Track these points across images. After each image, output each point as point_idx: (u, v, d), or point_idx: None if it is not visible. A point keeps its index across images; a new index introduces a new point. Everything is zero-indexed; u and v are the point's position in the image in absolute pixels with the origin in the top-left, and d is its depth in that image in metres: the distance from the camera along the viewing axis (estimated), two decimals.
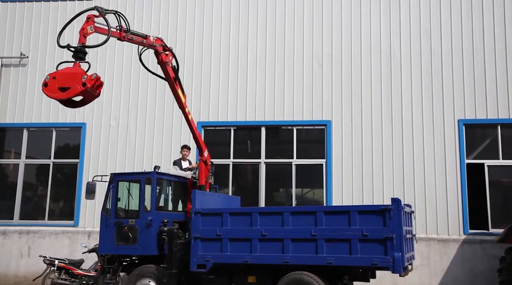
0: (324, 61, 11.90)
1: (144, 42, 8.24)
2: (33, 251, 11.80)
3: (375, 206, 7.48)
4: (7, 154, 12.89)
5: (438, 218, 10.91)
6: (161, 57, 8.50)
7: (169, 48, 8.64)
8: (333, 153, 11.49)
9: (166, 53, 8.61)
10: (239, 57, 12.22)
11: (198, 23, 12.50)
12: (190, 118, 9.13)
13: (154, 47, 8.45)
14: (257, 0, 12.39)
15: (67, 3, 13.01)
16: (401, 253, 6.84)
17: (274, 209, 8.33)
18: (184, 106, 9.08)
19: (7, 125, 12.71)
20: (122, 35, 7.77)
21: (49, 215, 12.32)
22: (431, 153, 11.17)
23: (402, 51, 11.66)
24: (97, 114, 12.39)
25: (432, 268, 10.71)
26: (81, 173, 12.19)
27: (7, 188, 12.68)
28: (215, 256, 7.72)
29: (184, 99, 9.02)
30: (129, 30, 7.87)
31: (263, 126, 11.97)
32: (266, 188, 11.72)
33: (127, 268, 8.82)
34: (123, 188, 9.06)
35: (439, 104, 11.34)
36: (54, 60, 12.68)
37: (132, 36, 7.98)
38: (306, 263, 7.31)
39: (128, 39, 7.94)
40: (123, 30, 7.77)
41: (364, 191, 11.23)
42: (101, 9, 7.31)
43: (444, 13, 11.67)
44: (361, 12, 11.94)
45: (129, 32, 7.86)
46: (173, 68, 8.71)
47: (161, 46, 8.50)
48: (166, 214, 8.77)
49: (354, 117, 11.56)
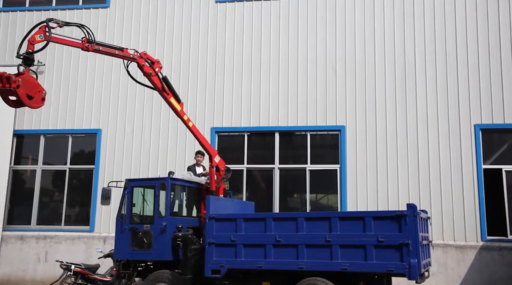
0: (337, 66, 11.87)
1: (117, 53, 8.51)
2: (50, 256, 11.93)
3: (390, 212, 7.40)
4: (24, 160, 13.07)
5: (455, 224, 10.77)
6: (144, 69, 8.77)
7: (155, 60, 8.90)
8: (347, 159, 11.43)
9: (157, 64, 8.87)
10: (253, 62, 12.26)
11: (212, 29, 12.59)
12: (191, 125, 9.17)
13: (133, 60, 8.72)
14: (270, 5, 12.44)
15: (82, 11, 13.20)
16: (417, 260, 6.77)
17: (288, 215, 8.31)
18: (182, 114, 9.10)
19: (25, 131, 12.91)
20: (84, 46, 8.11)
21: (65, 221, 12.45)
22: (447, 158, 11.05)
23: (417, 54, 11.59)
24: (112, 120, 12.52)
25: (449, 275, 10.56)
26: (96, 179, 12.31)
27: (24, 194, 12.85)
28: (230, 261, 7.71)
29: (180, 107, 9.06)
30: (94, 41, 8.17)
31: (276, 132, 11.97)
32: (280, 194, 11.70)
33: (142, 273, 8.87)
34: (138, 194, 9.11)
35: (454, 108, 11.22)
36: (70, 67, 12.90)
37: (98, 47, 8.27)
38: (321, 269, 7.26)
39: (94, 50, 8.23)
40: (86, 40, 8.09)
41: (379, 197, 11.14)
42: (57, 20, 7.79)
43: (458, 15, 11.58)
44: (375, 16, 11.91)
45: (93, 43, 8.16)
46: (164, 78, 8.88)
47: (142, 58, 8.71)
48: (180, 220, 8.79)
49: (369, 122, 11.50)
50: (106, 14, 13.08)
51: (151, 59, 8.88)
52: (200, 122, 12.09)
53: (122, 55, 8.61)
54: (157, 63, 8.89)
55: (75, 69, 12.90)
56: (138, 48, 12.61)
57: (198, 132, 9.40)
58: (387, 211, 9.83)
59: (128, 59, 8.80)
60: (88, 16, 13.13)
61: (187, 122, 9.17)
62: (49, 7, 13.40)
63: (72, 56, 12.49)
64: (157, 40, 12.74)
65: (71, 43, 8.02)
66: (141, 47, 12.70)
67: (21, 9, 13.52)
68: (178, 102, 9.07)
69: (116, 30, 12.95)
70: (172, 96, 8.99)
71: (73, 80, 12.89)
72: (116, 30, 12.95)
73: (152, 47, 12.68)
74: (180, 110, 9.10)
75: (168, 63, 12.53)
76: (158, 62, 8.93)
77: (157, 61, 8.93)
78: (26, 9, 13.50)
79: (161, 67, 9.00)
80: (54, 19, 7.80)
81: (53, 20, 7.70)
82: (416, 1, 11.80)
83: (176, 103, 9.03)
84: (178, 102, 9.09)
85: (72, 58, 12.66)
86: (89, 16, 13.14)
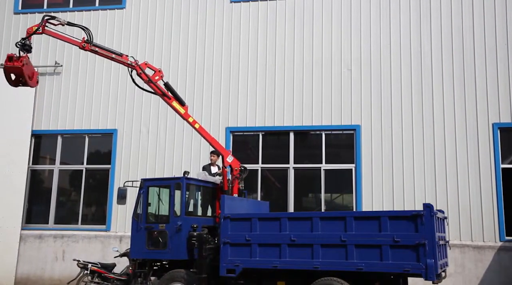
0: (352, 65, 11.80)
1: (114, 57, 9.10)
2: (67, 254, 12.09)
3: (407, 212, 7.33)
4: (42, 160, 13.26)
5: (473, 224, 10.62)
6: (142, 77, 9.17)
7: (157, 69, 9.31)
8: (363, 158, 11.35)
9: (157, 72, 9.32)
10: (267, 61, 12.26)
11: (227, 29, 12.61)
12: (197, 126, 9.33)
13: (131, 66, 9.15)
14: (285, 5, 12.41)
15: (98, 12, 13.33)
16: (434, 260, 6.70)
17: (303, 214, 8.28)
18: (186, 117, 9.30)
19: (43, 132, 13.09)
20: (81, 44, 8.93)
21: (82, 220, 12.60)
22: (464, 157, 10.90)
23: (433, 52, 11.45)
24: (128, 120, 12.63)
25: (466, 276, 10.42)
26: (112, 178, 12.43)
27: (42, 194, 13.04)
28: (245, 261, 7.71)
29: (183, 110, 9.27)
30: (91, 41, 8.94)
31: (291, 131, 11.94)
32: (295, 193, 11.68)
33: (157, 272, 8.93)
34: (154, 194, 9.18)
35: (472, 107, 11.07)
36: (87, 68, 13.04)
37: (95, 48, 9.00)
38: (336, 269, 7.22)
39: (90, 50, 9.00)
40: (84, 40, 8.91)
41: (395, 197, 11.05)
42: (60, 19, 8.87)
43: (476, 12, 11.41)
44: (391, 14, 11.81)
45: (90, 43, 8.93)
46: (165, 84, 9.24)
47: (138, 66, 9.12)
48: (195, 219, 8.83)
49: (384, 121, 11.40)
50: (122, 15, 13.20)
51: (153, 68, 9.28)
52: (215, 122, 12.14)
53: (119, 60, 9.18)
54: (158, 73, 9.25)
55: (92, 70, 13.04)
56: (153, 48, 12.82)
57: (206, 133, 9.52)
58: (403, 211, 9.73)
59: (125, 65, 9.29)
60: (105, 17, 13.27)
61: (193, 124, 9.34)
62: (66, 8, 13.58)
63: (88, 58, 12.62)
64: (172, 41, 12.81)
65: (69, 40, 8.97)
66: (156, 47, 12.81)
67: (39, 10, 13.71)
68: (182, 106, 9.29)
69: (132, 30, 13.06)
70: (175, 100, 9.25)
71: (90, 81, 13.03)
72: (132, 30, 13.06)
73: (167, 47, 12.77)
74: (184, 113, 9.31)
75: (183, 63, 12.61)
76: (159, 71, 9.31)
77: (158, 70, 9.31)
78: (44, 11, 13.67)
79: (163, 75, 9.35)
80: (57, 17, 8.81)
81: (56, 18, 8.73)
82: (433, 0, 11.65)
83: (180, 107, 9.25)
84: (182, 105, 9.30)
85: (88, 60, 12.79)
86: (105, 17, 13.27)
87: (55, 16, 8.86)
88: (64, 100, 13.09)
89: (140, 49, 12.87)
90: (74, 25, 9.16)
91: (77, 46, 9.12)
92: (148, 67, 9.30)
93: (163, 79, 9.37)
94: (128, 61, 9.19)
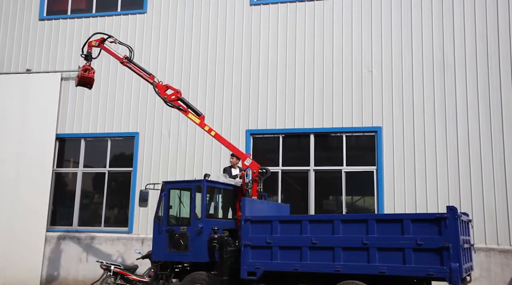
0: (373, 67, 11.69)
1: (142, 75, 10.18)
2: (90, 256, 12.27)
3: (430, 215, 7.23)
4: (66, 163, 13.51)
5: (498, 227, 10.39)
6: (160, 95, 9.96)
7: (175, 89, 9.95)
8: (384, 160, 11.22)
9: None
10: (287, 64, 12.24)
11: (247, 31, 12.64)
12: (213, 134, 9.63)
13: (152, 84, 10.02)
14: (304, 7, 12.39)
15: (120, 17, 13.53)
16: (458, 264, 6.57)
17: (324, 217, 8.24)
18: (202, 126, 9.68)
19: (67, 135, 13.33)
20: (121, 59, 10.23)
21: (105, 222, 12.78)
22: (489, 158, 10.67)
23: (456, 54, 11.26)
24: (149, 123, 12.77)
25: (492, 280, 10.19)
26: (134, 181, 12.57)
27: (66, 196, 13.27)
28: (265, 263, 7.70)
29: (199, 120, 9.68)
30: (131, 59, 10.21)
31: (312, 133, 11.89)
32: (316, 196, 11.61)
33: (179, 274, 8.99)
34: (175, 196, 9.25)
35: (497, 107, 10.83)
36: (109, 73, 13.22)
37: (131, 65, 10.22)
38: (358, 272, 7.16)
39: (126, 65, 10.26)
40: (125, 57, 10.18)
41: (418, 199, 10.88)
42: (115, 39, 10.53)
43: (501, 13, 11.18)
44: (412, 16, 11.66)
45: (130, 60, 10.20)
46: (180, 99, 9.90)
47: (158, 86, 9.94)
48: (216, 222, 8.87)
49: (406, 123, 11.26)
50: (143, 19, 13.36)
51: (172, 88, 9.88)
52: (235, 124, 12.17)
53: (147, 79, 10.11)
54: (175, 93, 9.85)
55: (114, 75, 13.22)
56: (174, 51, 12.94)
57: (223, 139, 9.71)
58: (426, 213, 9.58)
59: (149, 83, 10.15)
60: (126, 22, 13.46)
61: (209, 131, 9.66)
62: (89, 14, 13.81)
63: (110, 63, 12.80)
64: (193, 44, 12.91)
65: (114, 54, 10.30)
66: (177, 50, 12.93)
67: (63, 17, 13.99)
68: (197, 116, 9.72)
69: (153, 34, 13.21)
70: (190, 112, 9.77)
71: (112, 86, 13.23)
72: (153, 34, 13.21)
73: (188, 50, 12.88)
74: (200, 122, 9.69)
75: (203, 65, 12.69)
76: (178, 91, 9.87)
77: (177, 91, 9.88)
78: (68, 17, 13.96)
79: (180, 95, 9.87)
80: (113, 37, 10.49)
81: (112, 37, 10.44)
82: (455, 0, 11.48)
83: (195, 117, 9.71)
84: (198, 116, 9.72)
85: (110, 65, 12.97)
86: (127, 21, 13.46)
87: (111, 35, 10.53)
88: (87, 104, 13.31)
89: (161, 52, 13.02)
90: (123, 44, 10.43)
91: (117, 60, 10.31)
92: (169, 88, 9.89)
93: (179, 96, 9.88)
94: (151, 81, 10.02)
